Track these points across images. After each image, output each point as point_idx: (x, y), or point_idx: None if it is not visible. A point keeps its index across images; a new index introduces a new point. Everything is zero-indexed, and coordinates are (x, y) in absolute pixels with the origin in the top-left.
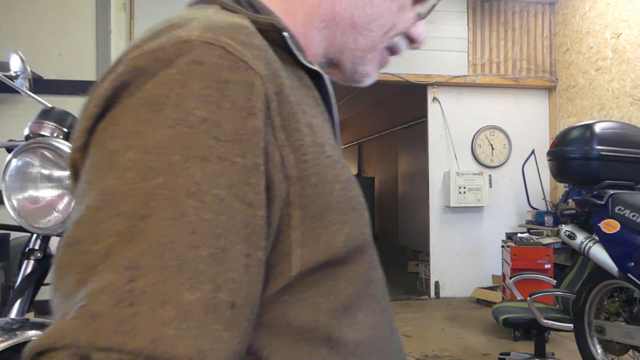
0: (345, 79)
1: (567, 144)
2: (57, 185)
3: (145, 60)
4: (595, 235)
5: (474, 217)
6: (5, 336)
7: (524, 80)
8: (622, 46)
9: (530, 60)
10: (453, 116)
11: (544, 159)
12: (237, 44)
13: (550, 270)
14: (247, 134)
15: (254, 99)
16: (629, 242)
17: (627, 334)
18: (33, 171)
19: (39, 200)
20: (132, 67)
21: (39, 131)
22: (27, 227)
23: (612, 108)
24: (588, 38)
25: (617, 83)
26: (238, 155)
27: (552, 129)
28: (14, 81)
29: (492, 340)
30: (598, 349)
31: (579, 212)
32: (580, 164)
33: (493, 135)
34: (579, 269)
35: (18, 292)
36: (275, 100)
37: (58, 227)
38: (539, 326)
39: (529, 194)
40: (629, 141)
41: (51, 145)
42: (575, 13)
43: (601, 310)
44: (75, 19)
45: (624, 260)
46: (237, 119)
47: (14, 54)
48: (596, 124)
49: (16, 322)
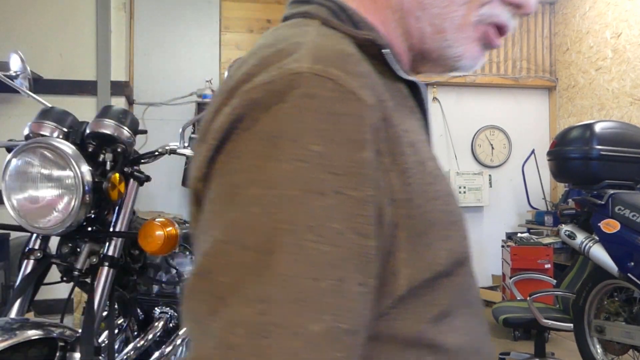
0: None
1: (567, 143)
2: (56, 185)
3: (259, 94)
4: (595, 235)
5: (474, 217)
6: (5, 336)
7: (524, 80)
8: (622, 46)
9: (530, 60)
10: (453, 116)
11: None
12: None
13: (550, 270)
14: (359, 167)
15: (364, 130)
16: (629, 242)
17: (627, 333)
18: (33, 171)
19: (39, 200)
20: (246, 101)
21: (39, 131)
22: (27, 227)
23: (612, 108)
24: (588, 38)
25: (617, 83)
26: (352, 189)
27: (552, 129)
28: (13, 81)
29: (492, 340)
30: (598, 349)
31: (579, 212)
32: (580, 164)
33: (493, 135)
34: (579, 269)
35: (18, 291)
36: (382, 127)
37: (58, 227)
38: (538, 326)
39: (529, 194)
40: (629, 141)
41: (51, 145)
42: (575, 13)
43: (601, 310)
44: (75, 19)
45: (624, 260)
46: (349, 152)
47: (13, 54)
48: (596, 124)
49: (16, 321)
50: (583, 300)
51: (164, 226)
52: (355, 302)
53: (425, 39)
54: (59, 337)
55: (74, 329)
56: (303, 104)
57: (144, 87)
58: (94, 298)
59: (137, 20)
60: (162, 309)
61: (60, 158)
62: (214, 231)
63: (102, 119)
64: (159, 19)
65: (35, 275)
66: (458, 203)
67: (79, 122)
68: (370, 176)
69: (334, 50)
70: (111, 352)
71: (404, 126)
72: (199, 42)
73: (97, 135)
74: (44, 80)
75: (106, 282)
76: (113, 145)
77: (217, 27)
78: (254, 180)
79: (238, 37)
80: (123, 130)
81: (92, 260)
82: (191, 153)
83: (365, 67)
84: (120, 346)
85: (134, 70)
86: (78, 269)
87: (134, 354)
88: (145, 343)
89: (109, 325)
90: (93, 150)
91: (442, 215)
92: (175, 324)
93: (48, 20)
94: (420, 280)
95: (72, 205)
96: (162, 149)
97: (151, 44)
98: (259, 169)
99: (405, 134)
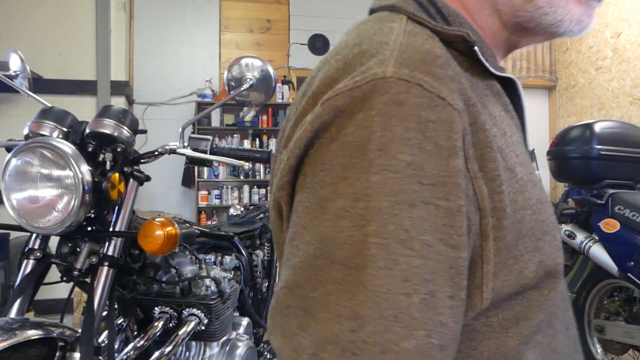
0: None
1: (566, 143)
2: (56, 185)
3: (343, 101)
4: (595, 234)
5: None
6: (5, 336)
7: (524, 79)
8: (622, 46)
9: (530, 60)
10: None
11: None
12: (433, 80)
13: None
14: (449, 176)
15: (455, 137)
16: (629, 241)
17: (627, 333)
18: (32, 171)
19: (39, 199)
20: (330, 108)
21: (39, 130)
22: (26, 226)
23: (612, 107)
24: (588, 37)
25: (617, 82)
26: (442, 199)
27: (552, 129)
28: (13, 80)
29: None
30: (598, 349)
31: (579, 212)
32: (580, 164)
33: None
34: (578, 269)
35: (18, 291)
36: (470, 132)
37: (57, 227)
38: None
39: None
40: (628, 141)
41: (50, 145)
42: None
43: (601, 309)
44: (75, 18)
45: (623, 260)
46: (439, 160)
47: (13, 54)
48: (596, 124)
49: (16, 321)
50: (583, 300)
51: (164, 226)
52: (447, 317)
53: (516, 12)
54: (58, 337)
55: (74, 329)
56: (389, 111)
57: (144, 86)
58: (94, 298)
59: (137, 20)
60: (162, 309)
61: (60, 158)
62: (303, 245)
63: (101, 118)
64: (159, 18)
65: (35, 275)
66: (551, 210)
67: (78, 122)
68: (460, 186)
69: (420, 52)
70: (111, 352)
71: (493, 130)
72: (199, 42)
73: (97, 135)
74: (44, 80)
75: (106, 282)
76: (113, 145)
77: (217, 27)
78: (342, 193)
79: (238, 37)
80: (123, 130)
81: (91, 260)
82: (191, 153)
83: (453, 68)
84: (120, 346)
85: (133, 70)
86: (78, 268)
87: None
88: (145, 343)
89: (109, 325)
90: (93, 150)
91: (533, 225)
92: (175, 324)
93: (48, 20)
94: (506, 294)
95: (72, 205)
96: (162, 148)
97: (151, 43)
98: (346, 181)
99: (495, 138)
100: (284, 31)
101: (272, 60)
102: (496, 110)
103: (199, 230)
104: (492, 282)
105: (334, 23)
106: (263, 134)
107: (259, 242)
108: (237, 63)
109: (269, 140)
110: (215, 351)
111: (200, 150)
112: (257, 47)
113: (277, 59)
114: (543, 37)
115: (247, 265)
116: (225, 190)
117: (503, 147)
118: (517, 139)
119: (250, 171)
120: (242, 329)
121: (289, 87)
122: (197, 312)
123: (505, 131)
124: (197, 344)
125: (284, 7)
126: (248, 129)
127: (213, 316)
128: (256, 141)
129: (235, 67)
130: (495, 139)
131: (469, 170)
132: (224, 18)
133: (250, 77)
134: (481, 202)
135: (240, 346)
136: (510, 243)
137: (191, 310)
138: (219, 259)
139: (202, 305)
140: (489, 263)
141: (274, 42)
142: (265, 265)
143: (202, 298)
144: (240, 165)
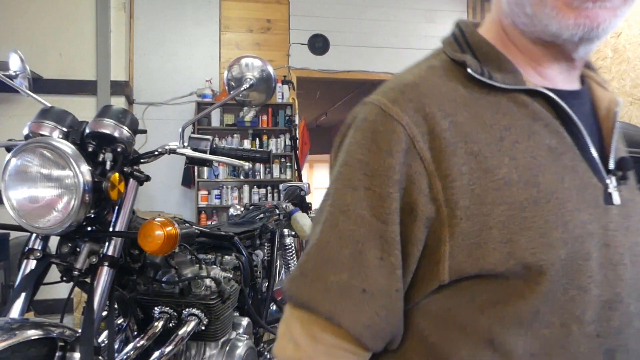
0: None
1: None
2: (56, 185)
3: (349, 118)
4: None
5: None
6: (4, 336)
7: None
8: (622, 46)
9: None
10: None
11: None
12: (389, 103)
13: None
14: (384, 170)
15: (393, 142)
16: None
17: None
18: (32, 171)
19: (39, 199)
20: (346, 122)
21: (39, 130)
22: (26, 226)
23: None
24: None
25: (617, 82)
26: (377, 186)
27: None
28: (13, 80)
29: None
30: None
31: None
32: None
33: None
34: None
35: (18, 291)
36: (425, 140)
37: (57, 227)
38: None
39: None
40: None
41: (50, 145)
42: None
43: None
44: (75, 19)
45: None
46: (379, 158)
47: (13, 53)
48: None
49: (16, 321)
50: None
51: (164, 226)
52: (372, 270)
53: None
54: (58, 337)
55: (73, 329)
56: (359, 125)
57: (144, 86)
58: (94, 298)
59: (137, 20)
60: (162, 309)
61: (60, 158)
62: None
63: (101, 118)
64: (159, 18)
65: (35, 275)
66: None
67: (78, 122)
68: (393, 178)
69: (398, 83)
70: (111, 352)
71: (472, 137)
72: (199, 41)
73: (97, 134)
74: (44, 80)
75: (106, 282)
76: (113, 145)
77: (217, 27)
78: (330, 179)
79: (238, 37)
80: (123, 130)
81: (91, 260)
82: (191, 153)
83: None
84: (120, 346)
85: (133, 70)
86: (78, 268)
87: (133, 354)
88: (145, 343)
89: (109, 325)
90: (93, 150)
91: (505, 220)
92: (175, 324)
93: (48, 20)
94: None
95: (72, 205)
96: (162, 148)
97: (151, 43)
98: (332, 170)
99: (466, 145)
100: (284, 31)
101: (272, 60)
102: (500, 118)
103: (199, 230)
104: (449, 261)
105: (334, 23)
106: (263, 134)
107: (259, 242)
108: (237, 63)
109: (268, 140)
110: (215, 351)
111: (200, 150)
112: (257, 47)
113: (277, 59)
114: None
115: (247, 265)
116: (225, 190)
117: (483, 150)
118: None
119: (250, 171)
120: (242, 329)
121: (289, 87)
122: (197, 312)
123: (502, 136)
124: (197, 344)
125: (284, 7)
126: (248, 129)
127: (213, 316)
128: (256, 141)
129: (235, 67)
130: (462, 145)
131: (426, 168)
132: (224, 18)
133: (250, 77)
134: (436, 194)
135: (240, 346)
136: (469, 231)
137: (191, 310)
138: (219, 259)
139: (202, 305)
140: (445, 244)
141: (274, 42)
142: (265, 265)
143: (202, 298)
144: (240, 165)
